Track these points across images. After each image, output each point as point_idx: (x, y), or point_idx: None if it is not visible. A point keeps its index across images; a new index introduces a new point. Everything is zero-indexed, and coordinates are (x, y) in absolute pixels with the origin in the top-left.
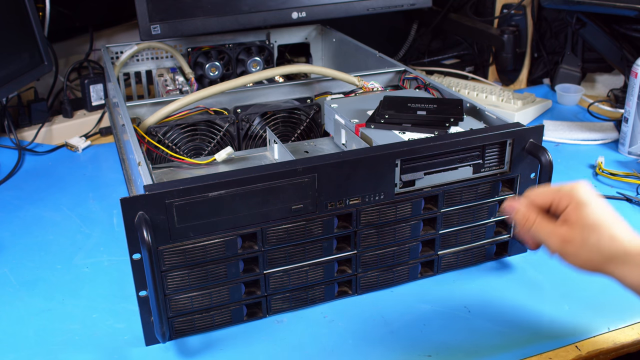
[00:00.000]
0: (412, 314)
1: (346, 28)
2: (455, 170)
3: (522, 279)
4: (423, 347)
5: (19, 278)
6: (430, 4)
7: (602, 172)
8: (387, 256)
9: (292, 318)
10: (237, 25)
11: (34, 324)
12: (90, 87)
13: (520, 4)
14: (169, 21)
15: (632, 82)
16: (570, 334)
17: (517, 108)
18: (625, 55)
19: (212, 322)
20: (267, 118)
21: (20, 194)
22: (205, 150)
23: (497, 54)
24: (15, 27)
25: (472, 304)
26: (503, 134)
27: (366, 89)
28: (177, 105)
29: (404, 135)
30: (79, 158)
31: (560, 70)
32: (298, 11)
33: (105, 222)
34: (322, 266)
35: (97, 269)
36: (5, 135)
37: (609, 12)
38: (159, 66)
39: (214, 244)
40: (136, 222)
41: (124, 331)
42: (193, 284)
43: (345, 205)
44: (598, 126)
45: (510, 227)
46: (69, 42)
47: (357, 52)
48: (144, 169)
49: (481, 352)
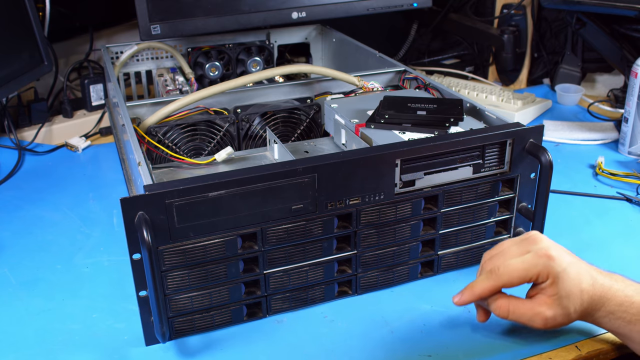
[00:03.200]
0: (412, 314)
1: (346, 28)
2: (455, 170)
3: None
4: (423, 347)
5: (19, 278)
6: (430, 4)
7: (602, 172)
8: (387, 256)
9: (292, 318)
10: (237, 25)
11: (34, 324)
12: (90, 87)
13: (520, 4)
14: (169, 21)
15: (632, 82)
16: (570, 334)
17: (517, 108)
18: (625, 55)
19: (212, 322)
20: (267, 118)
21: (20, 194)
22: (205, 150)
23: (497, 54)
24: (15, 27)
25: (472, 304)
26: (503, 134)
27: (366, 89)
28: (177, 105)
29: (404, 135)
30: (79, 158)
31: (560, 70)
32: (298, 11)
33: (105, 222)
34: (322, 266)
35: (97, 269)
36: (5, 135)
37: (609, 12)
38: (159, 66)
39: (214, 244)
40: (136, 222)
41: (124, 331)
42: (193, 284)
43: (345, 205)
44: (598, 126)
45: (510, 227)
46: (69, 42)
47: (357, 52)
48: (144, 169)
49: (481, 352)
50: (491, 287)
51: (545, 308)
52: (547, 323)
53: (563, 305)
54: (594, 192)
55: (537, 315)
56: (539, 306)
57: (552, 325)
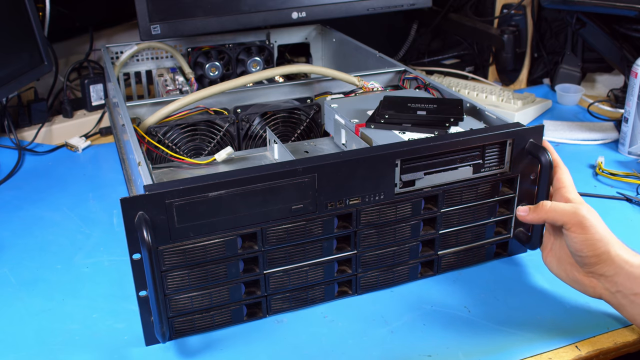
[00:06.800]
0: (412, 314)
1: (346, 28)
2: (455, 170)
3: (522, 279)
4: (423, 347)
5: (19, 278)
6: (430, 4)
7: (602, 172)
8: (387, 256)
9: (292, 318)
10: (237, 25)
11: (34, 324)
12: (90, 87)
13: (520, 4)
14: (169, 21)
15: (632, 82)
16: (570, 334)
17: (517, 108)
18: (625, 55)
19: (212, 322)
20: (267, 118)
21: (20, 194)
22: (205, 150)
23: (497, 54)
24: (15, 27)
25: (472, 304)
26: (503, 134)
27: (366, 89)
28: (177, 105)
29: (404, 135)
30: (79, 158)
31: (560, 70)
32: (298, 11)
33: (105, 222)
34: (322, 266)
35: (97, 269)
36: (5, 135)
37: (609, 12)
38: (159, 66)
39: (214, 244)
40: (136, 222)
41: (124, 331)
42: (193, 284)
43: (345, 205)
44: (598, 126)
45: (510, 227)
46: (69, 42)
47: (357, 52)
48: (144, 169)
49: (481, 352)
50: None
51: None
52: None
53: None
54: (594, 192)
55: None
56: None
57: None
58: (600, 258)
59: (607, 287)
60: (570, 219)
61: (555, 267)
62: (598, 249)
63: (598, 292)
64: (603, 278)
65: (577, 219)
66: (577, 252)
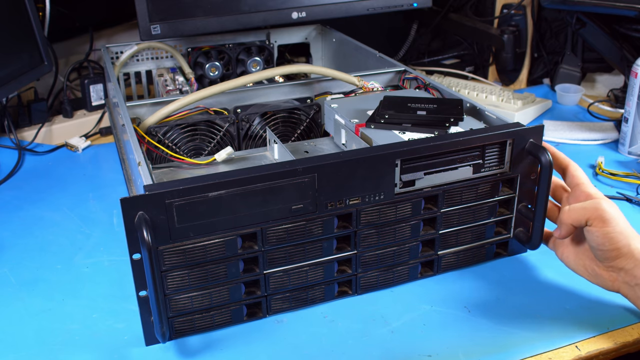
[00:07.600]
0: (412, 314)
1: (346, 28)
2: (455, 170)
3: (522, 279)
4: (423, 347)
5: (19, 278)
6: (430, 4)
7: (602, 172)
8: (387, 256)
9: (292, 318)
10: (237, 25)
11: (34, 324)
12: (90, 87)
13: (520, 4)
14: (169, 21)
15: (632, 82)
16: (570, 334)
17: (517, 108)
18: (625, 55)
19: (212, 322)
20: (267, 118)
21: (20, 194)
22: (205, 150)
23: (497, 54)
24: (15, 27)
25: (472, 304)
26: (503, 134)
27: (366, 89)
28: (177, 105)
29: (404, 135)
30: (79, 158)
31: (560, 70)
32: (298, 11)
33: (105, 222)
34: (322, 266)
35: (97, 269)
36: (5, 135)
37: (609, 12)
38: (159, 66)
39: (214, 244)
40: (136, 222)
41: (124, 331)
42: (193, 284)
43: (345, 205)
44: (598, 126)
45: (510, 227)
46: (69, 42)
47: (357, 52)
48: (144, 169)
49: (481, 352)
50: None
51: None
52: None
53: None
54: None
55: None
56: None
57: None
58: (620, 252)
59: (627, 281)
60: (592, 213)
61: (572, 262)
62: (619, 242)
63: (617, 286)
64: (623, 272)
65: (598, 213)
66: (598, 247)
